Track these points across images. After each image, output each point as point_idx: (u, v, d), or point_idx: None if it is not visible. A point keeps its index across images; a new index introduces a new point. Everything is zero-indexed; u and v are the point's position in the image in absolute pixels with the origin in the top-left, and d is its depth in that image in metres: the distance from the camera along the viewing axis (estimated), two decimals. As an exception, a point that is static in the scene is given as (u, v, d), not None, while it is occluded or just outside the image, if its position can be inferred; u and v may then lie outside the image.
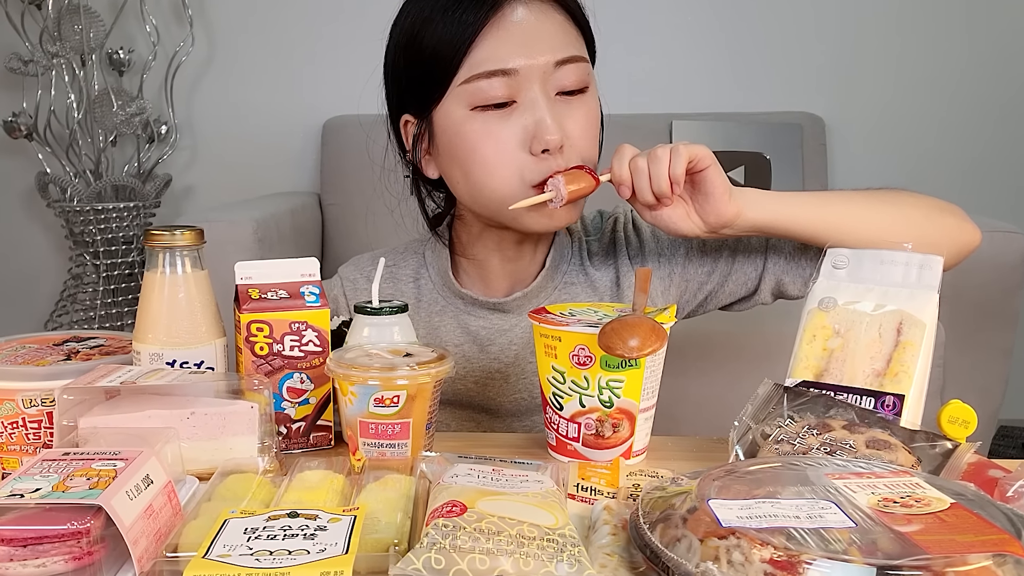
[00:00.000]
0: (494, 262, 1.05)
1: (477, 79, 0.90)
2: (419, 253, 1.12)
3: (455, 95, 0.92)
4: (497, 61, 0.90)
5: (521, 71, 0.90)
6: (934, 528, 0.53)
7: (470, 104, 0.92)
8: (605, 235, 1.09)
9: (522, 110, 0.91)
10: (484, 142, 0.92)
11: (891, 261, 0.80)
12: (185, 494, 0.69)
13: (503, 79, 0.90)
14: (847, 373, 0.77)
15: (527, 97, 0.91)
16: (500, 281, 1.07)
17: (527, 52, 0.90)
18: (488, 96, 0.91)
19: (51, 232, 2.88)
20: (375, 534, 0.59)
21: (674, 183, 0.88)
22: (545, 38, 0.91)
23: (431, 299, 1.08)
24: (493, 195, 0.94)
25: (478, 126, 0.92)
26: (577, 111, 0.93)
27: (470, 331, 1.05)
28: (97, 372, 0.77)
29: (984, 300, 1.97)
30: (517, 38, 0.90)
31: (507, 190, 0.93)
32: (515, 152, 0.91)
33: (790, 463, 0.64)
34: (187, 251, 0.83)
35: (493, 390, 1.05)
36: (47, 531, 0.55)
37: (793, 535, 0.51)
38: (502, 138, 0.91)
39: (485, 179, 0.94)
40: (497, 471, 0.68)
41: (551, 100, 0.91)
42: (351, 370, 0.73)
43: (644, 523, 0.57)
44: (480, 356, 1.05)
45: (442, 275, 1.07)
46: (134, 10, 2.68)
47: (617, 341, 0.75)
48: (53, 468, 0.61)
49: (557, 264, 1.06)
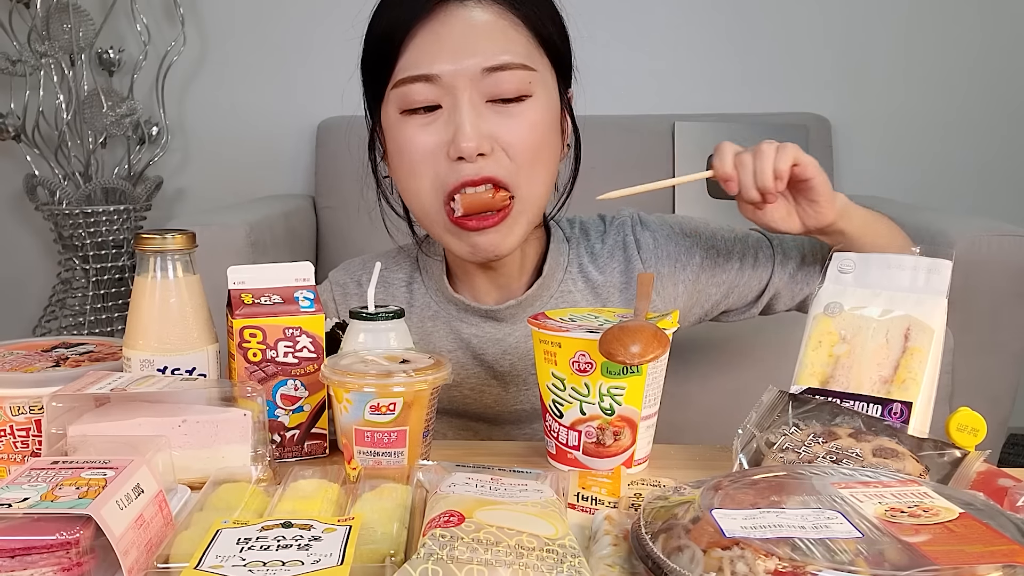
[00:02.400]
0: (475, 271, 1.05)
1: (404, 83, 0.92)
2: (412, 257, 1.12)
3: (390, 98, 0.95)
4: (422, 66, 0.91)
5: (444, 77, 0.90)
6: (943, 539, 0.53)
7: (399, 107, 0.94)
8: (610, 236, 1.09)
9: (446, 116, 0.92)
10: (407, 145, 0.94)
11: (898, 265, 0.80)
12: (176, 504, 0.69)
13: (427, 85, 0.91)
14: (853, 380, 0.77)
15: (450, 103, 0.91)
16: (488, 291, 1.06)
17: (453, 57, 0.90)
18: (413, 100, 0.92)
19: (40, 236, 2.89)
20: (371, 545, 0.59)
21: (778, 178, 0.89)
22: (476, 44, 0.91)
23: (424, 304, 1.08)
24: (414, 201, 0.97)
25: (404, 129, 0.94)
26: (512, 119, 0.92)
27: (462, 338, 1.05)
28: (87, 379, 0.77)
29: (994, 305, 1.98)
30: (445, 42, 0.90)
31: (423, 196, 0.95)
32: (433, 157, 0.93)
33: (795, 472, 0.64)
34: (179, 255, 0.83)
35: (490, 398, 1.05)
36: (35, 542, 0.55)
37: (798, 545, 0.51)
38: (421, 142, 0.93)
39: (407, 183, 0.96)
40: (496, 480, 0.68)
41: (477, 107, 0.91)
42: (346, 377, 0.73)
43: (646, 533, 0.57)
44: (473, 364, 1.05)
45: (436, 279, 1.07)
46: (124, 9, 2.68)
47: (618, 347, 0.75)
48: (41, 477, 0.61)
49: (552, 272, 1.05)
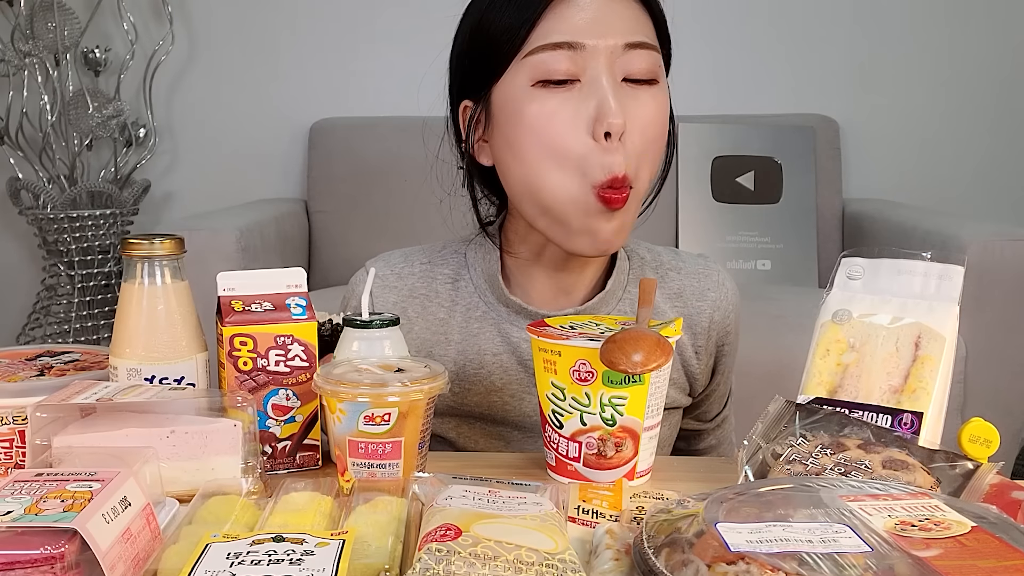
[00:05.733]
0: (539, 267, 1.03)
1: (541, 50, 0.90)
2: (460, 253, 1.08)
3: (517, 68, 0.91)
4: (564, 34, 0.89)
5: (587, 47, 0.89)
6: (954, 553, 0.53)
7: (532, 78, 0.90)
8: (699, 281, 1.08)
9: (585, 90, 0.90)
10: (542, 121, 0.90)
11: (909, 271, 0.81)
12: (165, 517, 0.69)
13: (568, 53, 0.89)
14: (862, 389, 0.77)
15: (591, 76, 0.90)
16: (544, 290, 1.04)
17: (595, 29, 0.89)
18: (551, 70, 0.90)
19: (23, 241, 2.89)
20: (365, 559, 0.59)
21: None
22: (616, 19, 0.91)
23: (470, 303, 1.05)
24: (546, 186, 0.91)
25: (537, 104, 0.90)
26: (644, 102, 0.92)
27: (511, 342, 1.02)
28: (72, 388, 0.77)
29: (1007, 312, 1.98)
30: (587, 14, 0.90)
31: (563, 184, 0.90)
32: (575, 133, 0.89)
33: (802, 484, 0.64)
34: (167, 261, 0.83)
35: (530, 407, 1.03)
36: (19, 556, 0.55)
37: (806, 560, 0.51)
38: (561, 117, 0.90)
39: (539, 167, 0.91)
40: (493, 493, 0.68)
41: (617, 83, 0.90)
42: (340, 386, 0.73)
43: (648, 548, 0.57)
44: (518, 369, 1.02)
45: (489, 278, 1.04)
46: (111, 7, 2.69)
47: (620, 356, 0.75)
48: (25, 490, 0.61)
49: (615, 289, 1.03)
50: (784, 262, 2.60)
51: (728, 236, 2.62)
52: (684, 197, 2.61)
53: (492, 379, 1.01)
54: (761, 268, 2.59)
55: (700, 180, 2.63)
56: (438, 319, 1.04)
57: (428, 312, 1.04)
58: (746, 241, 2.61)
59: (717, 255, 2.58)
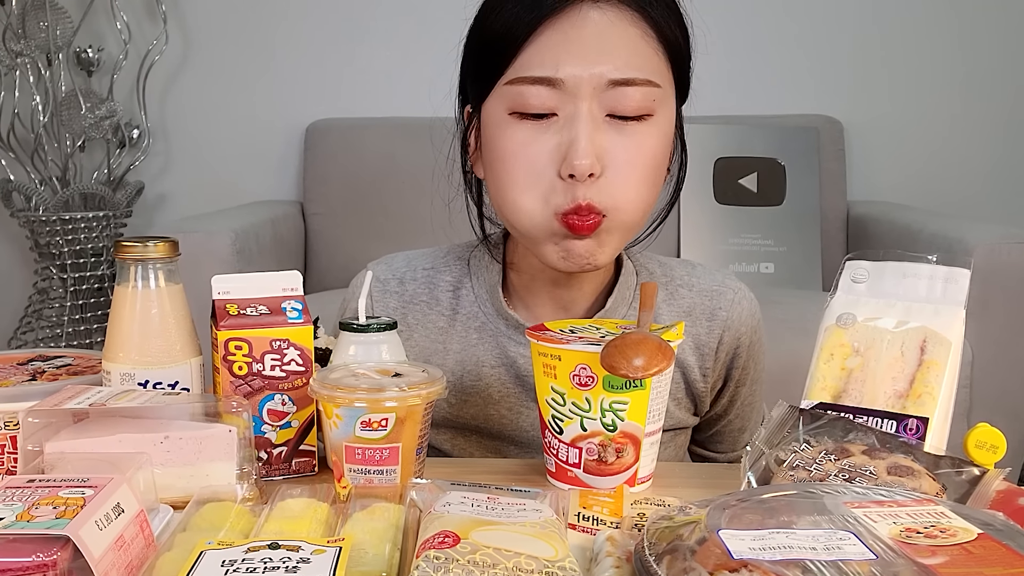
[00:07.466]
0: (539, 281, 1.02)
1: (520, 83, 0.88)
2: (463, 260, 1.07)
3: (498, 94, 0.90)
4: (545, 67, 0.87)
5: (568, 82, 0.86)
6: (960, 560, 0.53)
7: (509, 108, 0.89)
8: (712, 299, 1.05)
9: (561, 125, 0.88)
10: (513, 152, 0.89)
11: (914, 275, 0.81)
12: (158, 524, 0.69)
13: (547, 89, 0.87)
14: (867, 394, 0.77)
15: (568, 113, 0.87)
16: (544, 305, 1.03)
17: (580, 62, 0.86)
18: (527, 104, 0.88)
19: (15, 243, 2.89)
20: (362, 567, 0.59)
21: None
22: (608, 50, 0.87)
23: (470, 313, 1.04)
24: (514, 210, 0.92)
25: (511, 133, 0.89)
26: (629, 139, 0.88)
27: (508, 356, 1.02)
28: (64, 393, 0.77)
29: (1014, 316, 1.98)
30: (573, 44, 0.86)
31: (529, 209, 0.90)
32: (543, 170, 0.88)
33: (806, 491, 0.64)
34: (161, 264, 0.83)
35: (527, 421, 1.02)
36: (10, 564, 0.55)
37: (810, 568, 0.51)
38: (531, 152, 0.88)
39: (508, 192, 0.91)
40: (492, 499, 0.68)
41: (596, 120, 0.87)
42: (336, 391, 0.73)
43: (650, 555, 0.57)
44: (514, 384, 1.02)
45: (489, 290, 1.03)
46: (104, 6, 2.69)
47: (621, 360, 0.75)
48: (17, 496, 0.61)
49: (616, 306, 1.02)
50: (787, 265, 2.60)
51: (731, 238, 2.62)
52: (686, 199, 2.61)
53: (490, 391, 1.01)
54: (764, 271, 2.59)
55: (702, 182, 2.63)
56: (438, 328, 1.04)
57: (428, 320, 1.04)
58: (749, 244, 2.61)
59: (719, 258, 2.58)
